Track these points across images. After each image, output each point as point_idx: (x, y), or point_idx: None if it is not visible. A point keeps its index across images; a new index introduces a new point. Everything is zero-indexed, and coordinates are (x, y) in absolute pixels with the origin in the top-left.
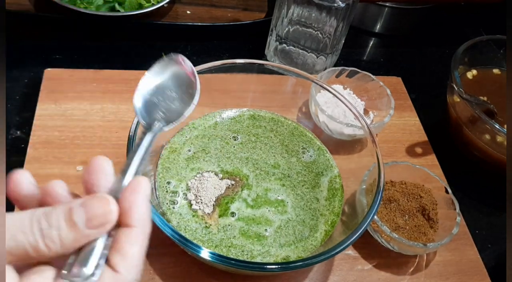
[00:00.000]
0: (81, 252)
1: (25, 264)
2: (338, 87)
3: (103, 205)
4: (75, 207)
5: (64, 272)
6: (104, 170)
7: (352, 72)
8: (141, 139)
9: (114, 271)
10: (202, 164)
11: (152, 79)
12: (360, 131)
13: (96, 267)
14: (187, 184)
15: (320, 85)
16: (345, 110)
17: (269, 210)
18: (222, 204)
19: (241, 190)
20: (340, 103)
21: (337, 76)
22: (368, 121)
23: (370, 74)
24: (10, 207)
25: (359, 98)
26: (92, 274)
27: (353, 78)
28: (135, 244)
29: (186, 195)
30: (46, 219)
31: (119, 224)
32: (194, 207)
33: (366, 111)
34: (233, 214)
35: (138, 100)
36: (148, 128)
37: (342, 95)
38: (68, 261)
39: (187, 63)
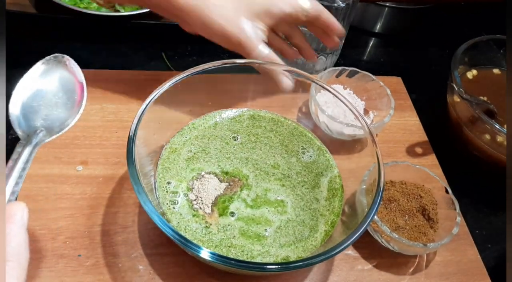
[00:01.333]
0: None
1: None
2: (338, 87)
3: None
4: None
5: None
6: None
7: (352, 72)
8: (19, 153)
9: None
10: (202, 164)
11: (33, 81)
12: (360, 131)
13: None
14: (187, 185)
15: (320, 85)
16: (345, 110)
17: (268, 210)
18: (219, 203)
19: (240, 190)
20: (340, 103)
21: (337, 76)
22: (368, 122)
23: (370, 74)
24: None
25: (359, 98)
26: None
27: (353, 78)
28: (9, 280)
29: (187, 195)
30: None
31: None
32: (195, 206)
33: (366, 111)
34: (232, 213)
35: (15, 106)
36: (27, 140)
37: (342, 96)
38: None
39: (72, 66)
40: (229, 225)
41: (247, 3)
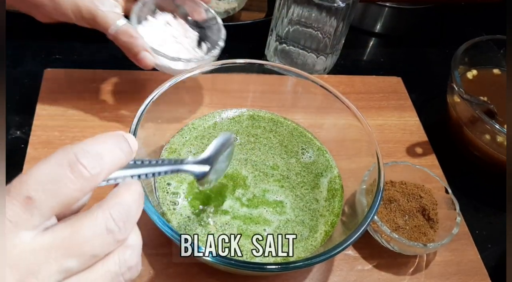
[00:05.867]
0: None
1: None
2: (168, 16)
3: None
4: None
5: None
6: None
7: None
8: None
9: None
10: None
11: None
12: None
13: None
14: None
15: (320, 85)
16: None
17: (266, 210)
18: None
19: (234, 188)
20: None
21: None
22: (202, 54)
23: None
24: None
25: (191, 28)
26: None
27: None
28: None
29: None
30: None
31: None
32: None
33: (199, 43)
34: (226, 212)
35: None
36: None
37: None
38: None
39: None
40: (227, 224)
41: None
